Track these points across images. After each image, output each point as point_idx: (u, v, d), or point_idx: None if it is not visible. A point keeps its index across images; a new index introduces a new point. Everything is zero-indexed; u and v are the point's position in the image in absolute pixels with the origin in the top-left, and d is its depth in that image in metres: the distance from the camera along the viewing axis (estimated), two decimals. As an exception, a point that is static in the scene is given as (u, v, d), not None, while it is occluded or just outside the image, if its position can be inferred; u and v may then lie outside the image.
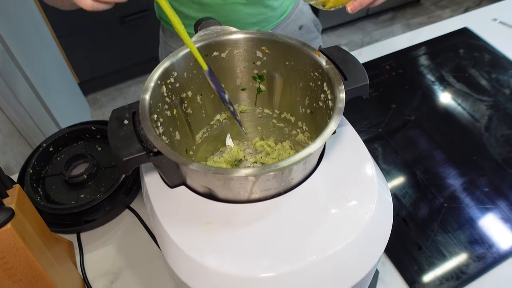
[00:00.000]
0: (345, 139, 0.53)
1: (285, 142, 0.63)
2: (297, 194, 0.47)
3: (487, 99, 0.98)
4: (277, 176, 0.44)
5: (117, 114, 0.47)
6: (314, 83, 0.53)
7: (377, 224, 0.47)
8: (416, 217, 0.76)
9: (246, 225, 0.45)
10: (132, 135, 0.45)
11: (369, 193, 0.48)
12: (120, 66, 2.33)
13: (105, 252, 0.73)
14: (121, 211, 0.78)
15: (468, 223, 0.75)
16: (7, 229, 0.52)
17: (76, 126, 0.86)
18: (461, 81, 1.02)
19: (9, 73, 1.20)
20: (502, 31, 1.15)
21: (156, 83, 0.50)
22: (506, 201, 0.78)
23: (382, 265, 0.70)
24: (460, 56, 1.09)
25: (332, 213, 0.46)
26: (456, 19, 1.20)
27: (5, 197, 0.57)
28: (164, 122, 0.51)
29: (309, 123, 0.58)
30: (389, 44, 1.13)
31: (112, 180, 0.78)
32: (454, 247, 0.72)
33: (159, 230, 0.47)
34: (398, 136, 0.90)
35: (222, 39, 0.55)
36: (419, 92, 1.00)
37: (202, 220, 0.46)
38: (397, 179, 0.83)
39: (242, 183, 0.44)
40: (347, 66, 0.50)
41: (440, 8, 2.88)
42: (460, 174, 0.83)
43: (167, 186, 0.49)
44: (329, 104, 0.50)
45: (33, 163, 0.80)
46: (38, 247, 0.58)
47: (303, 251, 0.43)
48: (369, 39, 2.64)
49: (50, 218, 0.74)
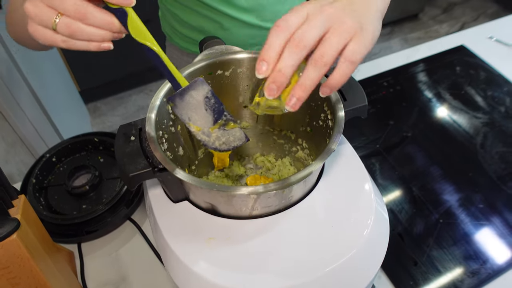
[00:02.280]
0: (344, 157, 0.55)
1: (285, 158, 0.65)
2: (297, 211, 0.49)
3: (482, 116, 1.00)
4: (278, 194, 0.46)
5: (124, 130, 0.49)
6: (315, 103, 0.55)
7: (374, 241, 0.49)
8: (412, 233, 0.77)
9: (247, 241, 0.46)
10: (138, 151, 0.46)
11: (366, 211, 0.49)
12: (121, 75, 2.35)
13: (105, 263, 0.74)
14: (122, 223, 0.79)
15: (463, 239, 0.76)
16: (12, 239, 0.53)
17: (79, 137, 0.87)
18: (457, 98, 1.04)
19: (13, 81, 1.22)
20: (498, 49, 1.17)
21: (162, 101, 0.51)
22: (500, 217, 0.79)
23: (378, 279, 0.71)
24: (456, 74, 1.11)
25: (331, 230, 0.47)
26: (453, 37, 1.23)
27: (10, 207, 0.58)
28: (168, 138, 0.53)
29: (309, 140, 0.59)
30: (386, 61, 1.16)
31: (114, 191, 0.79)
32: (449, 263, 0.73)
33: (162, 244, 0.48)
34: (395, 152, 0.92)
35: (226, 58, 0.57)
36: (416, 109, 1.02)
37: (204, 235, 0.47)
38: (394, 195, 0.84)
39: (244, 200, 0.45)
40: (346, 87, 0.52)
41: (438, 23, 2.92)
42: (455, 190, 0.84)
43: (170, 201, 0.51)
44: (329, 124, 0.52)
45: (36, 173, 0.81)
46: (41, 257, 0.59)
47: (303, 267, 0.44)
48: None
49: (52, 228, 0.75)
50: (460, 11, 3.02)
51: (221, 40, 0.61)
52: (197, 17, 0.84)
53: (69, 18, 0.42)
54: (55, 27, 0.42)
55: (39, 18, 0.42)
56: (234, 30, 0.85)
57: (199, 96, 0.47)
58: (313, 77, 0.42)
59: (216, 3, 0.80)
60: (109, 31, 0.43)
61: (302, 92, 0.43)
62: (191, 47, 0.93)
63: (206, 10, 0.82)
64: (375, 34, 0.45)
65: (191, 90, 0.47)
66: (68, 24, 0.42)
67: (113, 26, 0.43)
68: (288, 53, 0.42)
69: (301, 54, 0.42)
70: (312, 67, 0.42)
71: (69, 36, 0.43)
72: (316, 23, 0.42)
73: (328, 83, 0.44)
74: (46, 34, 0.44)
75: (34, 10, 0.42)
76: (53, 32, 0.43)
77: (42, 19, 0.42)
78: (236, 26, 0.85)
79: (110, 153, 0.87)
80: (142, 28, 0.43)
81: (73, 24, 0.42)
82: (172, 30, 0.93)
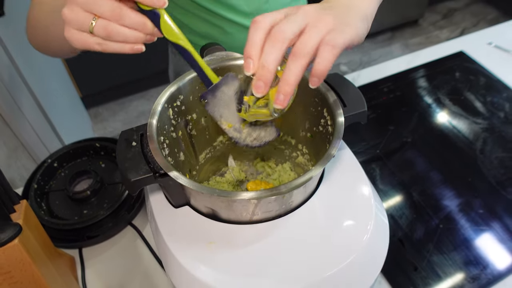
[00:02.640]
0: (344, 162, 0.55)
1: (285, 164, 0.65)
2: (297, 216, 0.49)
3: (482, 121, 1.00)
4: (278, 199, 0.46)
5: (125, 136, 0.49)
6: (315, 109, 0.55)
7: (374, 245, 0.49)
8: (412, 238, 0.78)
9: (247, 246, 0.47)
10: (140, 157, 0.47)
11: (366, 216, 0.49)
12: (122, 80, 2.36)
13: (106, 268, 0.75)
14: (123, 228, 0.79)
15: (463, 244, 0.77)
16: (14, 244, 0.53)
17: (81, 142, 0.88)
18: (457, 104, 1.05)
19: (15, 87, 1.23)
20: (497, 55, 1.18)
21: (163, 107, 0.52)
22: (500, 222, 0.80)
23: (378, 284, 0.71)
24: (456, 79, 1.12)
25: (331, 234, 0.47)
26: (452, 42, 1.23)
27: (12, 212, 0.58)
28: (169, 144, 0.53)
29: (309, 146, 0.60)
30: (387, 67, 1.16)
31: (115, 196, 0.80)
32: (449, 268, 0.73)
33: (163, 248, 0.49)
34: (396, 158, 0.93)
35: (227, 65, 0.57)
36: (416, 114, 1.03)
37: (205, 239, 0.47)
38: (394, 200, 0.84)
39: (244, 205, 0.46)
40: (346, 93, 0.53)
41: (438, 29, 2.93)
42: (455, 195, 0.84)
43: (171, 206, 0.51)
44: (329, 129, 0.52)
45: (38, 178, 0.81)
46: (43, 262, 0.60)
47: (303, 272, 0.44)
48: (368, 58, 2.69)
49: (53, 233, 0.75)
50: (460, 17, 3.03)
51: (222, 46, 0.62)
52: (200, 22, 0.85)
53: (105, 20, 0.44)
54: (92, 30, 0.44)
55: (76, 22, 0.44)
56: (236, 35, 0.86)
57: (230, 91, 0.48)
58: (295, 70, 0.42)
59: (218, 8, 0.81)
60: (142, 32, 0.45)
61: (288, 87, 0.43)
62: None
63: (208, 15, 0.83)
64: (358, 30, 0.45)
65: (223, 86, 0.48)
66: (105, 26, 0.44)
67: (146, 28, 0.45)
68: (269, 47, 0.42)
69: (282, 48, 0.42)
70: (292, 61, 0.43)
71: (105, 38, 0.45)
72: (295, 18, 0.43)
73: (313, 72, 0.44)
74: (82, 37, 0.45)
75: (70, 15, 0.44)
76: (90, 35, 0.45)
77: (79, 23, 0.44)
78: (238, 30, 0.85)
79: (111, 158, 0.88)
80: (175, 28, 0.46)
81: (110, 25, 0.44)
82: None
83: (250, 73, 0.43)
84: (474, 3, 3.15)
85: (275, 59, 0.42)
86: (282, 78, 0.43)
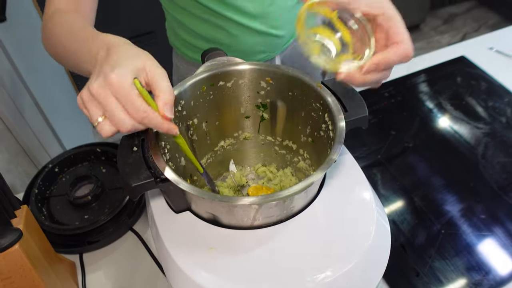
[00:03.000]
0: (345, 167, 0.55)
1: (286, 169, 0.65)
2: (298, 221, 0.49)
3: (483, 126, 1.00)
4: (279, 204, 0.46)
5: (126, 141, 0.49)
6: (316, 114, 0.55)
7: (376, 251, 0.49)
8: (414, 243, 0.77)
9: (248, 251, 0.46)
10: (141, 162, 0.47)
11: (367, 221, 0.49)
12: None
13: (107, 273, 0.74)
14: (124, 233, 0.79)
15: (465, 249, 0.76)
16: (15, 249, 0.53)
17: (82, 147, 0.88)
18: (458, 109, 1.05)
19: (16, 92, 1.23)
20: (498, 60, 1.18)
21: (164, 112, 0.52)
22: (502, 228, 0.79)
23: (381, 290, 0.71)
24: (457, 84, 1.12)
25: (332, 240, 0.47)
26: (454, 48, 1.24)
27: (13, 217, 0.58)
28: (171, 149, 0.53)
29: (310, 151, 0.60)
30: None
31: (116, 201, 0.79)
32: (451, 274, 0.73)
33: (164, 254, 0.48)
34: (397, 163, 0.92)
35: (228, 70, 0.57)
36: (417, 119, 1.03)
37: (205, 245, 0.47)
38: (396, 205, 0.84)
39: (245, 210, 0.45)
40: (347, 98, 0.53)
41: (439, 34, 2.93)
42: (457, 201, 0.84)
43: (172, 211, 0.51)
44: (330, 134, 0.52)
45: (39, 183, 0.81)
46: (43, 267, 0.59)
47: (304, 278, 0.44)
48: (369, 63, 2.68)
49: (54, 238, 0.75)
50: (461, 22, 3.03)
51: (223, 51, 0.62)
52: (205, 24, 0.85)
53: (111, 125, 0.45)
54: (96, 126, 0.45)
55: (85, 113, 0.45)
56: (241, 37, 0.86)
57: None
58: (371, 78, 0.49)
59: (223, 9, 0.81)
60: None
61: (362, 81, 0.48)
62: (198, 57, 0.93)
63: (213, 17, 0.83)
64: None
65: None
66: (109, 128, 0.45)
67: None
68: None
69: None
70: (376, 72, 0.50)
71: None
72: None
73: (364, 82, 0.49)
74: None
75: (81, 106, 0.45)
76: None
77: (87, 115, 0.45)
78: (243, 33, 0.85)
79: (112, 163, 0.88)
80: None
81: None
82: (179, 40, 0.93)
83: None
84: (475, 8, 3.15)
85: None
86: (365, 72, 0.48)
